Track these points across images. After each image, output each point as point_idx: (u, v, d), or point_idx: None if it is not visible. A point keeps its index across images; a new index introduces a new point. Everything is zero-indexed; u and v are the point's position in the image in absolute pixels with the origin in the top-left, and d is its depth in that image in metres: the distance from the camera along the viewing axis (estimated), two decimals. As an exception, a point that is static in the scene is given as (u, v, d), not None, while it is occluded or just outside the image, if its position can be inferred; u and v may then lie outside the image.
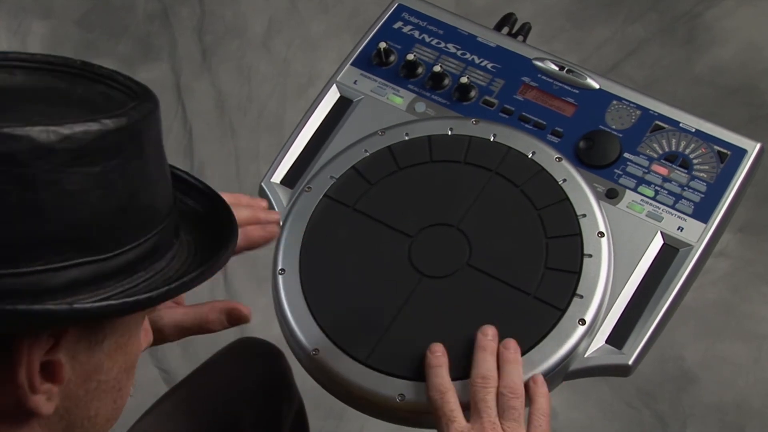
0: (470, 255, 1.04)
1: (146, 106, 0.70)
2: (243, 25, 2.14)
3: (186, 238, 0.77)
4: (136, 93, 0.72)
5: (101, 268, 0.68)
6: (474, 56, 1.17)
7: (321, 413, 1.66)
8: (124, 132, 0.68)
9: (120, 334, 0.72)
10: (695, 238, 1.05)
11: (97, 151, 0.66)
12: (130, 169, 0.68)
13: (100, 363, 0.72)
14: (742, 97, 1.97)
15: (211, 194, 0.82)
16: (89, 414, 0.73)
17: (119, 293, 0.69)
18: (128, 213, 0.69)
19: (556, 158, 1.09)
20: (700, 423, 1.71)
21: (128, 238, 0.69)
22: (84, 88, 0.72)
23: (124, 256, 0.69)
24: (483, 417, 0.93)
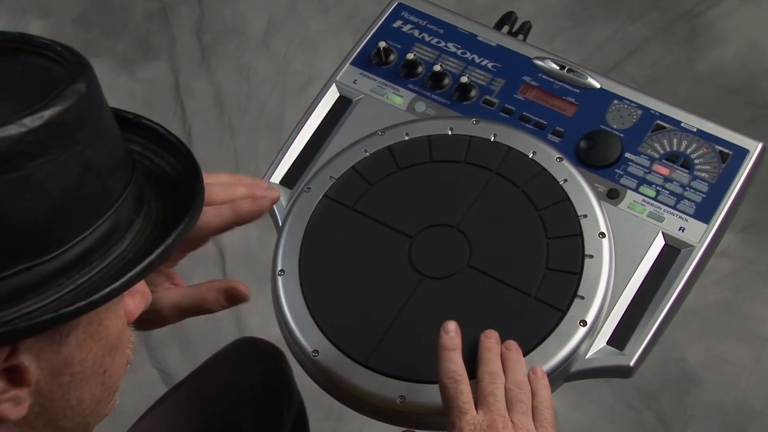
0: (470, 256, 1.04)
1: (74, 90, 0.66)
2: (242, 24, 2.14)
3: (155, 204, 0.73)
4: (70, 66, 0.68)
5: (44, 270, 0.65)
6: (474, 55, 1.17)
7: (321, 414, 1.66)
8: (46, 128, 0.64)
9: (87, 324, 0.70)
10: (697, 239, 1.05)
11: (16, 156, 0.63)
12: (60, 164, 0.65)
13: (70, 356, 0.69)
14: (743, 97, 1.97)
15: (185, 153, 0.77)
16: (70, 404, 0.71)
17: (69, 291, 0.66)
18: (66, 209, 0.66)
19: (556, 158, 1.09)
20: (701, 424, 1.71)
21: (71, 233, 0.66)
22: (23, 64, 0.68)
23: (70, 252, 0.66)
24: (493, 411, 0.92)
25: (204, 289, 0.96)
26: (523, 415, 0.93)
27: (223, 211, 0.96)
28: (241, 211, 0.97)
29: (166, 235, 0.70)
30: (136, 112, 0.77)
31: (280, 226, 1.09)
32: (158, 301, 0.94)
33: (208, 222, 0.95)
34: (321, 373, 1.02)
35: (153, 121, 0.78)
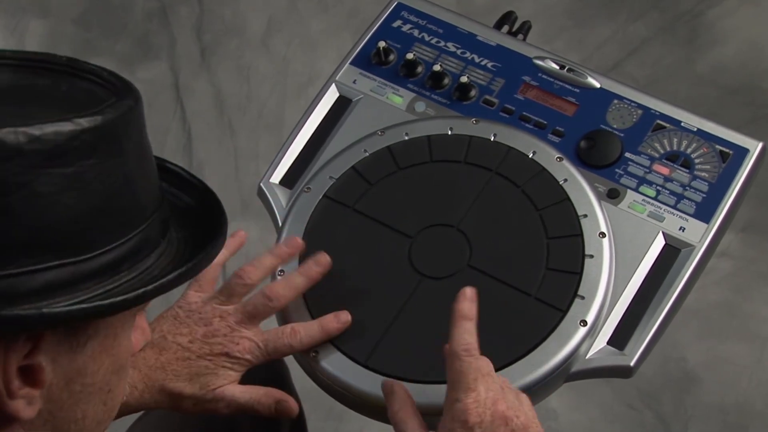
0: (471, 256, 1.04)
1: (125, 104, 0.69)
2: (242, 24, 2.14)
3: (177, 235, 0.76)
4: (118, 89, 0.71)
5: (78, 270, 0.67)
6: (474, 55, 1.16)
7: (320, 415, 1.65)
8: (99, 131, 0.67)
9: (104, 336, 0.71)
10: (697, 239, 1.05)
11: (69, 152, 0.65)
12: (106, 169, 0.67)
13: (84, 366, 0.71)
14: (743, 97, 1.97)
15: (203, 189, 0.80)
16: (76, 416, 0.72)
17: (98, 295, 0.68)
18: (106, 214, 0.68)
19: (556, 158, 1.08)
20: (702, 424, 1.71)
21: (106, 239, 0.68)
22: (68, 85, 0.71)
23: (103, 257, 0.68)
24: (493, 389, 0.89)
25: (262, 393, 1.01)
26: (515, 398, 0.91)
27: (314, 332, 1.02)
28: (330, 331, 1.02)
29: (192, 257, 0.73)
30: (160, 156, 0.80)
31: (280, 227, 1.09)
32: (221, 393, 1.00)
33: (302, 342, 1.02)
34: (321, 373, 1.02)
35: (174, 164, 0.81)
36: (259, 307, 1.02)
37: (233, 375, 1.01)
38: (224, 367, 1.00)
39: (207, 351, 1.00)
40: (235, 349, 1.00)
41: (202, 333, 1.00)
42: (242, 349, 1.00)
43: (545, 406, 1.71)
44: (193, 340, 1.00)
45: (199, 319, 1.01)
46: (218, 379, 1.00)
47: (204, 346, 1.00)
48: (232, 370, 1.01)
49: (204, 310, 1.02)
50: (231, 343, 1.00)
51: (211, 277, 1.04)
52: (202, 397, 1.00)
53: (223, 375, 1.00)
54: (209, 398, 1.00)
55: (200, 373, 1.00)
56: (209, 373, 1.00)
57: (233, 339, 1.01)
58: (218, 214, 0.78)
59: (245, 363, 1.01)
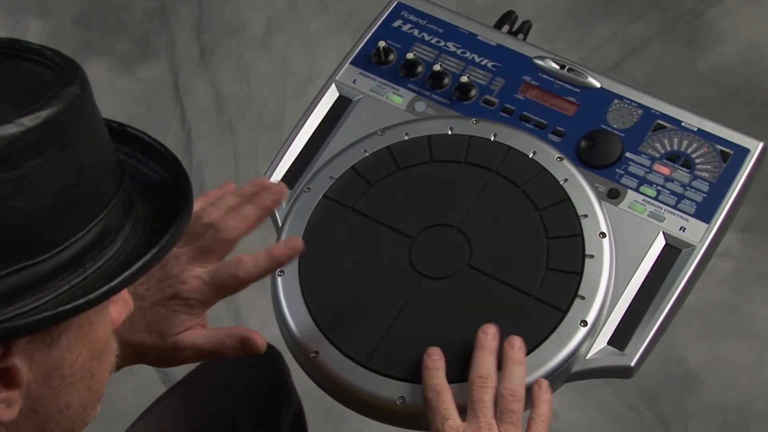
0: (471, 256, 1.04)
1: (69, 92, 0.67)
2: (242, 23, 2.14)
3: (144, 209, 0.74)
4: (63, 71, 0.68)
5: (39, 270, 0.66)
6: (474, 55, 1.16)
7: (320, 415, 1.65)
8: (44, 128, 0.65)
9: (78, 327, 0.70)
10: (698, 239, 1.05)
11: (14, 155, 0.64)
12: (56, 165, 0.65)
13: (61, 359, 0.70)
14: (744, 96, 1.97)
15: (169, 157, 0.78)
16: (59, 407, 0.72)
17: (64, 292, 0.67)
18: (61, 210, 0.66)
19: (557, 158, 1.08)
20: (702, 424, 1.71)
21: (66, 234, 0.67)
22: (13, 69, 0.69)
23: (64, 253, 0.67)
24: (479, 417, 0.92)
25: (223, 335, 0.95)
26: (511, 425, 0.92)
27: (260, 260, 0.95)
28: (278, 257, 0.96)
29: (158, 238, 0.71)
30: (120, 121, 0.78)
31: (280, 227, 1.09)
32: (182, 341, 0.94)
33: (248, 272, 0.95)
34: (321, 373, 1.02)
35: (138, 129, 0.78)
36: (209, 239, 0.95)
37: (188, 320, 0.95)
38: (176, 311, 0.94)
39: (159, 296, 0.95)
40: (183, 289, 0.94)
41: (158, 278, 0.95)
42: (189, 288, 0.94)
43: (545, 406, 1.71)
44: (149, 287, 0.95)
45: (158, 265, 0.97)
46: (173, 325, 0.94)
47: (157, 292, 0.95)
48: (184, 314, 0.95)
49: None
50: (180, 284, 0.94)
51: None
52: (162, 347, 0.94)
53: (176, 320, 0.94)
54: (170, 347, 0.94)
55: (155, 321, 0.94)
56: (163, 321, 0.94)
57: (183, 279, 0.94)
58: (182, 185, 0.75)
59: (196, 304, 0.95)
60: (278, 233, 1.09)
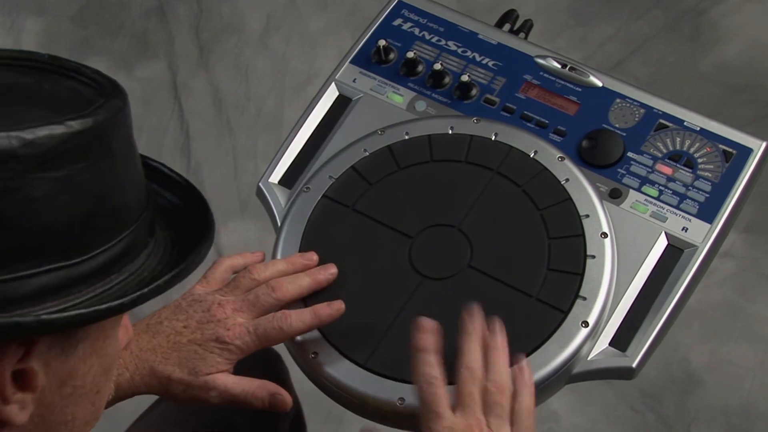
0: (471, 256, 1.04)
1: (114, 104, 0.69)
2: (241, 21, 2.14)
3: (163, 233, 0.76)
4: (104, 88, 0.70)
5: (71, 273, 0.67)
6: (475, 54, 1.16)
7: (320, 417, 1.65)
8: (91, 133, 0.67)
9: (95, 338, 0.71)
10: (700, 239, 1.05)
11: (61, 155, 0.65)
12: (98, 171, 0.67)
13: (75, 368, 0.71)
14: (747, 95, 1.96)
15: (187, 187, 0.80)
16: (66, 419, 0.72)
17: (91, 298, 0.68)
18: (98, 216, 0.68)
19: (558, 157, 1.08)
20: (705, 426, 1.71)
21: (99, 241, 0.68)
22: (51, 84, 0.71)
23: (95, 259, 0.68)
24: (468, 413, 0.91)
25: (255, 386, 0.99)
26: (499, 418, 0.91)
27: (305, 317, 1.00)
28: (322, 317, 1.01)
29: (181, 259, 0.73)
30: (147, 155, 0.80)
31: (279, 227, 1.09)
32: (213, 381, 0.98)
33: (293, 327, 0.99)
34: (320, 375, 1.02)
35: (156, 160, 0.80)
36: (261, 296, 1.01)
37: (222, 363, 0.99)
38: (213, 353, 0.98)
39: (198, 336, 0.99)
40: (226, 334, 0.99)
41: (198, 318, 0.99)
42: (233, 334, 0.99)
43: (547, 407, 1.71)
44: (187, 325, 0.99)
45: (199, 307, 1.00)
46: (206, 365, 0.98)
47: (196, 331, 0.99)
48: (221, 357, 0.99)
49: (205, 299, 1.01)
50: (223, 329, 0.99)
51: (220, 277, 1.04)
52: (191, 383, 0.98)
53: (212, 361, 0.98)
54: (199, 385, 0.98)
55: (189, 358, 0.98)
56: (197, 358, 0.98)
57: (226, 324, 0.99)
58: (204, 211, 0.78)
59: (235, 350, 0.99)
60: (277, 233, 1.08)
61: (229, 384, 0.98)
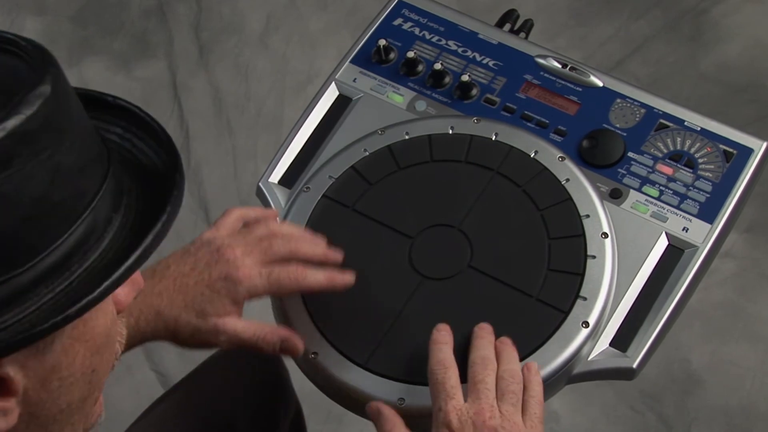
0: (471, 256, 1.04)
1: (38, 94, 0.63)
2: (241, 21, 2.14)
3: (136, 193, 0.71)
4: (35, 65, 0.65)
5: (18, 283, 0.63)
6: (475, 54, 1.16)
7: (320, 417, 1.65)
8: (9, 140, 0.61)
9: (72, 328, 0.68)
10: (701, 239, 1.05)
11: None
12: (28, 173, 0.62)
13: (57, 362, 0.68)
14: (748, 95, 1.96)
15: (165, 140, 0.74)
16: (60, 408, 0.70)
17: (49, 300, 0.64)
18: (38, 218, 0.63)
19: (558, 157, 1.08)
20: (705, 427, 1.71)
21: (45, 241, 0.64)
22: None
23: (46, 260, 0.64)
24: (482, 399, 0.91)
25: (267, 330, 0.97)
26: (512, 406, 0.92)
27: (320, 276, 0.99)
28: (336, 282, 1.00)
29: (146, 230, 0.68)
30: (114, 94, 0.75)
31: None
32: (222, 325, 0.96)
33: (307, 280, 0.98)
34: (320, 375, 1.01)
35: (131, 103, 0.75)
36: (274, 244, 0.99)
37: (229, 304, 0.96)
38: (220, 293, 0.96)
39: (206, 276, 0.96)
40: (235, 273, 0.96)
41: (207, 260, 0.97)
42: (242, 274, 0.96)
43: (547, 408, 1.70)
44: (195, 267, 0.97)
45: (207, 249, 0.98)
46: (214, 307, 0.95)
47: (204, 272, 0.96)
48: (228, 297, 0.96)
49: (215, 241, 0.98)
50: (233, 268, 0.96)
51: (230, 226, 1.01)
52: (199, 327, 0.95)
53: (219, 302, 0.96)
54: (208, 329, 0.95)
55: (196, 300, 0.95)
56: (205, 300, 0.95)
57: (236, 264, 0.96)
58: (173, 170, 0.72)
59: (243, 291, 0.96)
60: None
61: (239, 328, 0.96)
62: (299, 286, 0.98)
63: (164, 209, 0.69)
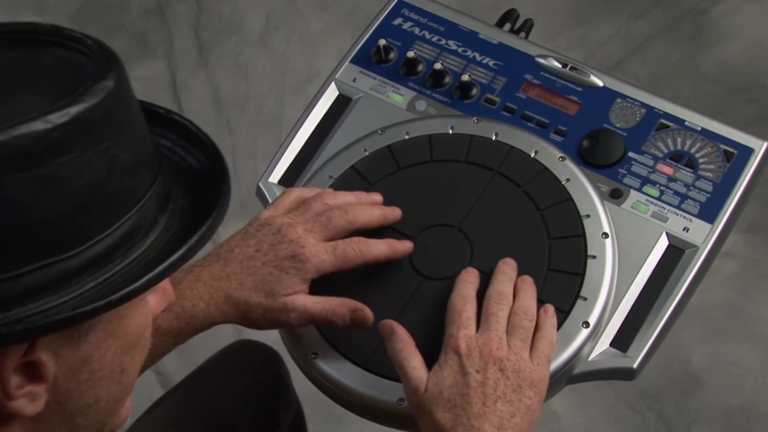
0: (472, 256, 1.03)
1: (102, 87, 0.66)
2: (240, 21, 2.13)
3: (182, 201, 0.73)
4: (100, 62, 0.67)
5: (65, 267, 0.65)
6: (475, 53, 1.16)
7: (320, 417, 1.65)
8: (73, 124, 0.64)
9: (107, 322, 0.69)
10: (701, 239, 1.04)
11: (41, 152, 0.63)
12: (85, 161, 0.64)
13: (89, 354, 0.69)
14: (748, 95, 1.96)
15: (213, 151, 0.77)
16: (87, 402, 0.71)
17: (90, 289, 0.65)
18: (90, 206, 0.65)
19: (559, 157, 1.08)
20: (705, 427, 1.70)
21: (94, 231, 0.66)
22: (53, 57, 0.68)
23: (91, 250, 0.65)
24: (491, 330, 0.94)
25: (336, 303, 0.98)
26: (521, 341, 0.94)
27: (381, 246, 1.01)
28: (397, 249, 1.02)
29: (190, 235, 0.70)
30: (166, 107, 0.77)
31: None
32: (291, 302, 0.97)
33: (371, 251, 1.00)
34: (320, 375, 1.01)
35: (183, 116, 0.77)
36: (333, 218, 1.00)
37: (298, 283, 0.98)
38: (289, 273, 0.97)
39: (272, 257, 0.98)
40: (301, 251, 0.98)
41: (269, 241, 0.99)
42: (309, 252, 0.98)
43: (547, 408, 1.71)
44: (259, 249, 0.98)
45: (269, 230, 0.99)
46: (283, 286, 0.97)
47: (269, 252, 0.98)
48: (297, 276, 0.98)
49: (274, 221, 1.00)
50: (298, 247, 0.98)
51: (288, 205, 1.02)
52: (269, 306, 0.97)
53: (288, 281, 0.97)
54: (278, 307, 0.97)
55: (264, 280, 0.97)
56: (273, 280, 0.97)
57: (300, 243, 0.98)
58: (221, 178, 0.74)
59: (311, 269, 0.98)
60: None
61: (308, 304, 0.98)
62: (364, 258, 1.00)
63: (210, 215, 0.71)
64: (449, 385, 0.92)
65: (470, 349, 0.93)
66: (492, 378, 0.91)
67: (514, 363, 0.92)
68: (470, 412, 0.90)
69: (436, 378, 0.92)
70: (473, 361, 0.92)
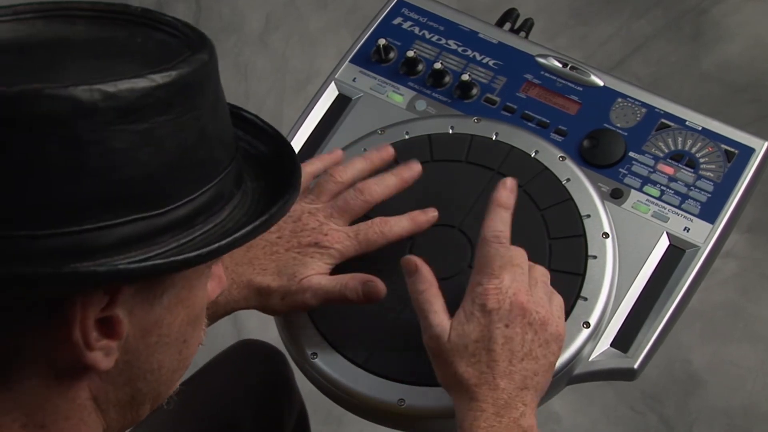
0: (472, 257, 1.03)
1: (198, 58, 0.69)
2: (240, 20, 2.13)
3: (252, 185, 0.76)
4: (192, 41, 0.71)
5: (153, 224, 0.67)
6: (475, 53, 1.16)
7: (320, 417, 1.65)
8: (173, 87, 0.67)
9: (180, 288, 0.72)
10: (702, 239, 1.04)
11: (144, 108, 0.66)
12: (181, 125, 0.68)
13: (160, 317, 0.71)
14: (749, 95, 1.96)
15: (278, 138, 0.80)
16: (152, 367, 0.73)
17: (172, 249, 0.68)
18: (180, 168, 0.68)
19: (559, 157, 1.08)
20: (706, 427, 1.70)
21: (182, 192, 0.69)
22: (144, 37, 0.72)
23: (178, 211, 0.68)
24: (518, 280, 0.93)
25: (348, 277, 0.99)
26: (545, 294, 0.94)
27: (404, 223, 1.02)
28: (420, 222, 1.03)
29: (266, 209, 0.73)
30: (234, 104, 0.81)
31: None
32: (307, 282, 0.98)
33: (393, 231, 1.01)
34: (320, 375, 1.01)
35: (252, 113, 0.81)
36: (349, 200, 1.01)
37: (322, 266, 0.99)
38: (313, 257, 0.99)
39: (295, 243, 0.99)
40: (324, 239, 0.99)
41: (290, 229, 1.00)
42: (332, 239, 1.00)
43: (548, 408, 1.71)
44: (281, 236, 1.00)
45: (288, 219, 1.01)
46: (306, 268, 0.99)
47: (292, 239, 1.00)
48: (321, 261, 0.99)
49: (293, 209, 1.00)
50: (320, 234, 1.00)
51: (302, 188, 1.03)
52: (288, 288, 0.98)
53: (311, 264, 0.99)
54: (296, 289, 0.98)
55: (288, 264, 0.99)
56: (297, 264, 0.99)
57: (322, 230, 1.00)
58: (290, 163, 0.78)
59: (335, 254, 1.00)
60: None
61: (323, 282, 0.99)
62: (387, 239, 1.01)
63: (282, 196, 0.74)
64: (475, 340, 0.91)
65: (500, 302, 0.92)
66: (520, 333, 0.91)
67: (543, 316, 0.92)
68: (496, 370, 0.90)
69: (461, 329, 0.92)
70: (502, 314, 0.91)
